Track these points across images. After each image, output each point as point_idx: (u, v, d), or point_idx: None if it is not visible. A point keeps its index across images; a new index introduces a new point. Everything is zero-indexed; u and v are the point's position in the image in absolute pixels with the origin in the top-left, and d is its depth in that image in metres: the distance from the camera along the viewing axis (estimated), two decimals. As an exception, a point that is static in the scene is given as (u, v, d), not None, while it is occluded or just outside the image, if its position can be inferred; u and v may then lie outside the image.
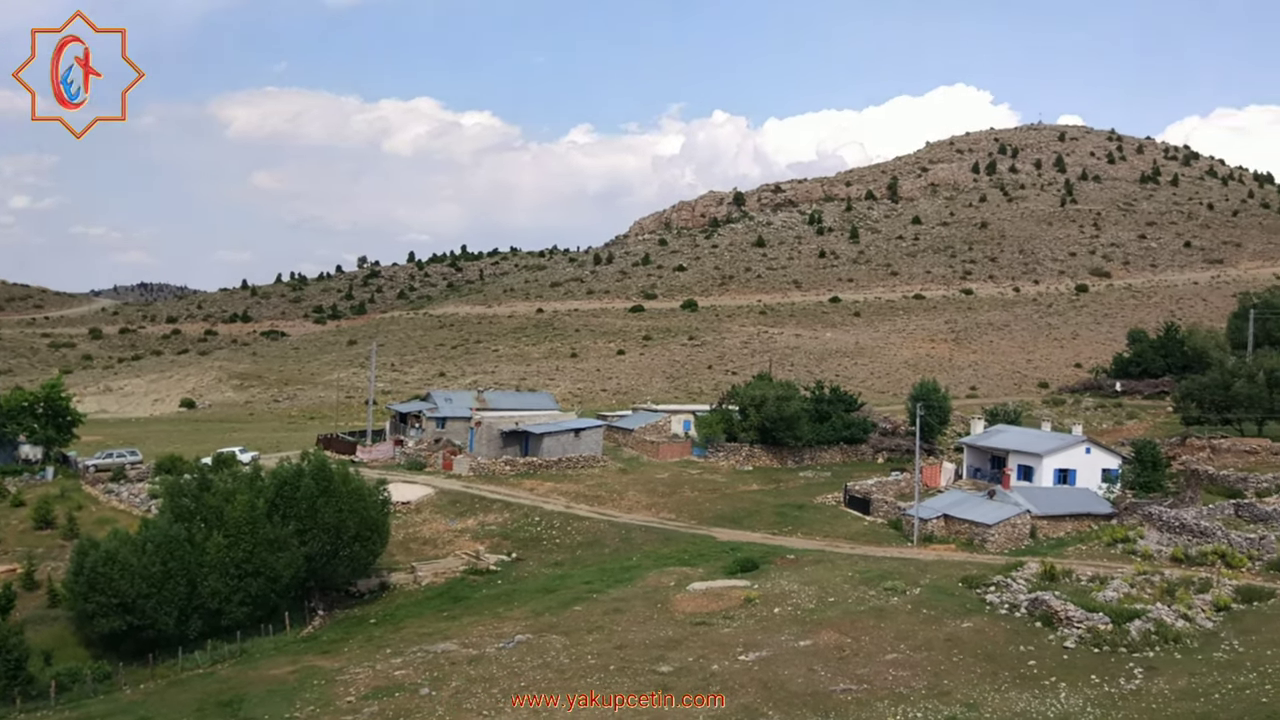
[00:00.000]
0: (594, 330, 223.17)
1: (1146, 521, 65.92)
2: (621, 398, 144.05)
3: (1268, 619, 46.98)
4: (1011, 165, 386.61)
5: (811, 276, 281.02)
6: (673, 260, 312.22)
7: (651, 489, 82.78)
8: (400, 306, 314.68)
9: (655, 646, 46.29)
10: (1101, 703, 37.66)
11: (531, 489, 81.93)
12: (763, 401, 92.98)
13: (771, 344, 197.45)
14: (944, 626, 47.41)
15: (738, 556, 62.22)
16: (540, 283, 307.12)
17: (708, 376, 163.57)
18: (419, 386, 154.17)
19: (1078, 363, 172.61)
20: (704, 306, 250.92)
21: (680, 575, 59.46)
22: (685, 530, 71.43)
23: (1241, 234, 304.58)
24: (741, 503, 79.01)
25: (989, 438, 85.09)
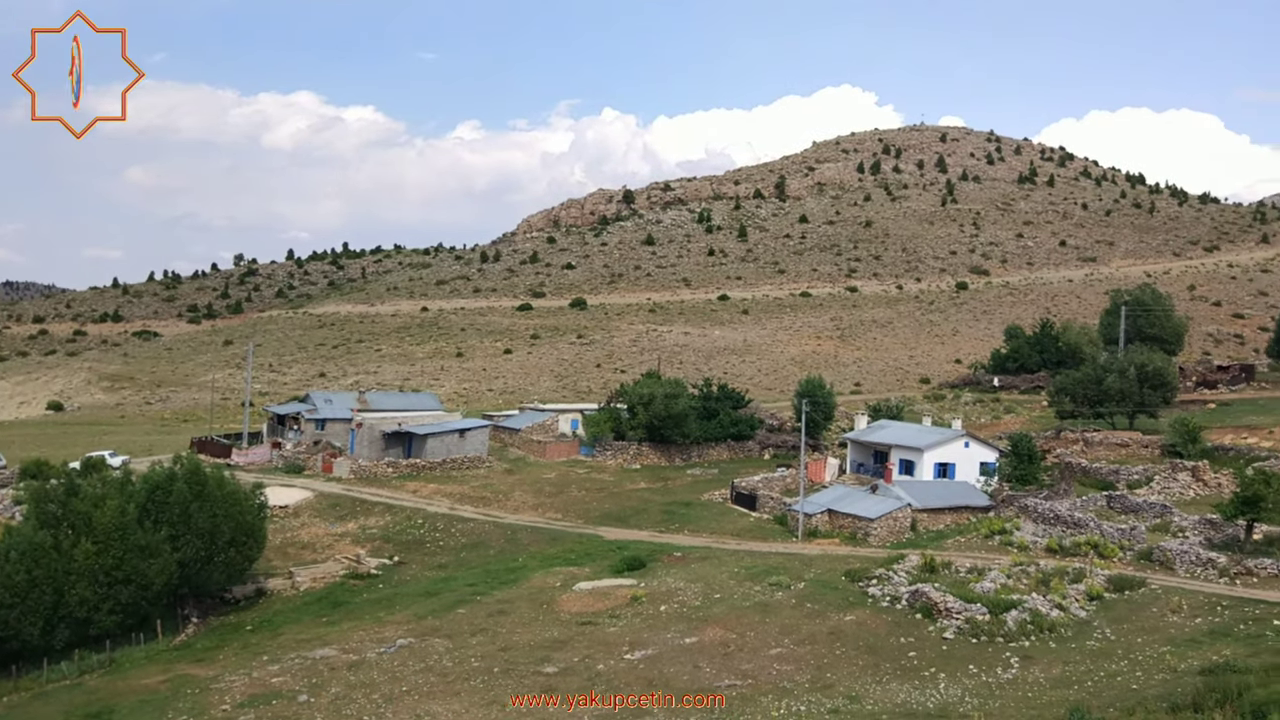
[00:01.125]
0: (480, 329, 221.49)
1: (1023, 513, 68.09)
2: (508, 397, 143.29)
3: (1138, 607, 48.91)
4: (895, 165, 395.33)
5: (701, 274, 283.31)
6: (562, 258, 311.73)
7: (538, 489, 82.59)
8: (279, 305, 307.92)
9: (540, 647, 46.28)
10: (979, 692, 38.77)
11: (415, 491, 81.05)
12: (651, 400, 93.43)
13: (660, 342, 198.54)
14: (827, 620, 48.33)
15: (625, 555, 62.49)
16: (425, 281, 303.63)
17: (596, 375, 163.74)
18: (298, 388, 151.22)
19: (958, 359, 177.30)
20: (593, 305, 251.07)
21: (567, 575, 59.51)
22: (572, 530, 71.44)
23: (1114, 233, 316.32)
24: (629, 501, 79.32)
25: (872, 433, 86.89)
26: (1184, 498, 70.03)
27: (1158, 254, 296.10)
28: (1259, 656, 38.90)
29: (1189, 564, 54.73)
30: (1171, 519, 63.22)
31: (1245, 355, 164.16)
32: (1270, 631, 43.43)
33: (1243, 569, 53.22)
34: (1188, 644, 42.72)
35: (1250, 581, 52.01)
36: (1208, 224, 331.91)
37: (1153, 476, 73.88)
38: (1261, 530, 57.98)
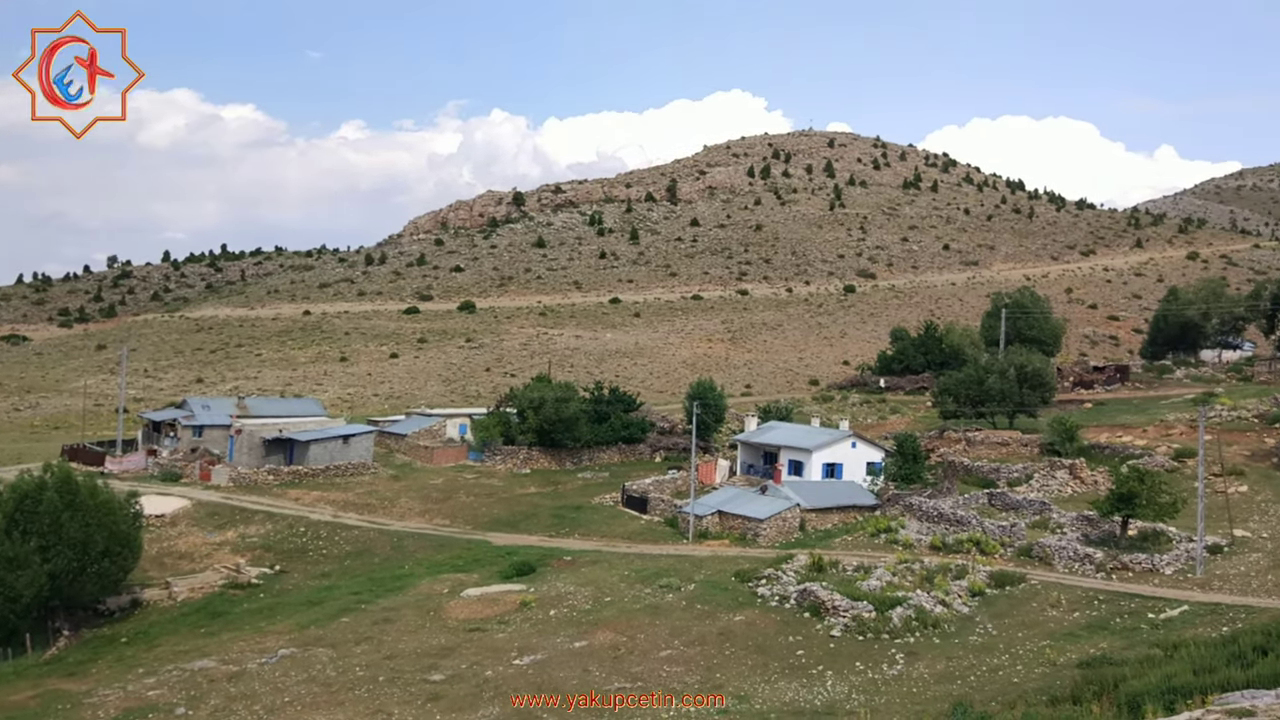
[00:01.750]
0: (365, 333, 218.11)
1: (908, 512, 69.54)
2: (394, 402, 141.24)
3: (1018, 602, 50.36)
4: (785, 170, 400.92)
5: (592, 277, 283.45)
6: (450, 261, 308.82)
7: (425, 495, 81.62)
8: (154, 309, 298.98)
9: (427, 655, 45.77)
10: (866, 689, 39.46)
11: (297, 499, 79.38)
12: (541, 403, 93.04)
13: (551, 345, 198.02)
14: (717, 621, 48.70)
15: (514, 560, 62.14)
16: (308, 284, 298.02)
17: (485, 379, 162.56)
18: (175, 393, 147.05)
19: (846, 360, 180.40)
20: (482, 308, 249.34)
21: (454, 582, 58.94)
22: (460, 536, 70.75)
23: (995, 237, 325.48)
24: (519, 506, 78.86)
25: (762, 434, 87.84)
26: (1062, 495, 72.30)
27: (1037, 258, 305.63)
28: (1134, 649, 40.27)
29: (1067, 559, 56.50)
30: (1050, 516, 65.21)
31: (1120, 356, 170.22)
32: (1144, 624, 45.08)
33: (1118, 564, 55.16)
34: (1066, 638, 44.10)
35: (1125, 576, 53.93)
36: (1084, 229, 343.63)
37: (1032, 474, 76.14)
38: (1136, 526, 60.16)
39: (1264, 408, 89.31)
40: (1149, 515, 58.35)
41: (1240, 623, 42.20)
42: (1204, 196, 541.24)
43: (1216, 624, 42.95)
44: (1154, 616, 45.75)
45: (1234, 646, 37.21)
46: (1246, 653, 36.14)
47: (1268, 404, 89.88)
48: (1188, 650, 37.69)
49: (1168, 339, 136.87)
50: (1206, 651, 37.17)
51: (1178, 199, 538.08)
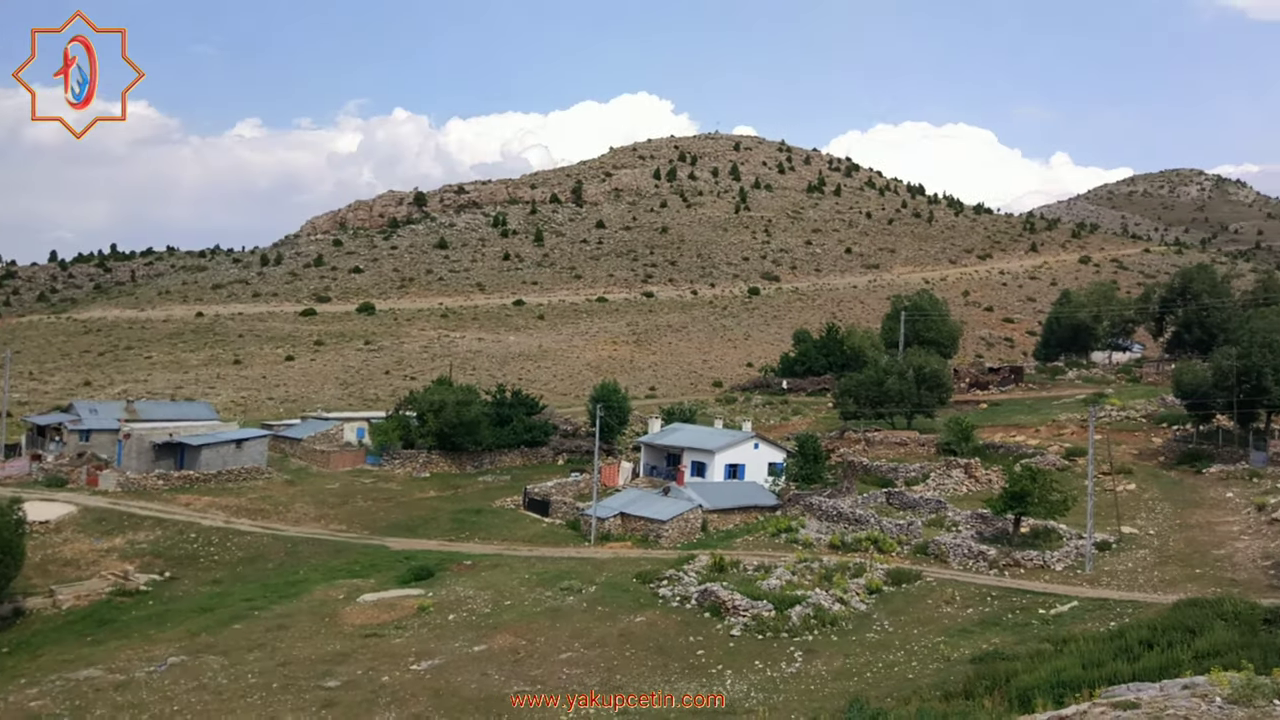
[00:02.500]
0: (260, 335, 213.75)
1: (808, 511, 70.51)
2: (290, 406, 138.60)
3: (914, 599, 51.40)
4: (691, 172, 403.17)
5: (495, 279, 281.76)
6: (349, 262, 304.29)
7: (321, 500, 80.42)
8: (40, 310, 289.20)
9: (322, 661, 45.18)
10: (764, 687, 39.93)
11: (188, 504, 77.59)
12: (442, 406, 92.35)
13: (453, 348, 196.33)
14: (618, 622, 48.86)
15: (412, 565, 61.65)
16: (200, 285, 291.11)
17: (385, 382, 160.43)
18: (61, 396, 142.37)
19: (749, 362, 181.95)
20: (382, 310, 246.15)
21: (351, 587, 58.22)
22: (357, 541, 69.86)
23: (896, 241, 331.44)
24: (418, 510, 78.19)
25: (665, 436, 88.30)
26: (958, 493, 73.96)
27: (936, 261, 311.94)
28: (1025, 644, 41.35)
29: (962, 557, 57.81)
30: (946, 514, 66.64)
31: (1014, 358, 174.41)
32: (1035, 620, 46.31)
33: (1011, 561, 56.62)
34: (960, 634, 45.12)
35: (1018, 573, 55.37)
36: (982, 233, 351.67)
37: (929, 474, 77.76)
38: (1028, 524, 61.79)
39: (1152, 408, 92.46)
40: (1041, 513, 59.97)
41: (1127, 618, 43.54)
42: (1097, 202, 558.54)
43: (1104, 619, 44.26)
44: (1045, 612, 47.03)
45: (1121, 641, 38.43)
46: (1133, 647, 37.34)
47: (1155, 404, 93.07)
48: (1077, 645, 38.80)
49: (1060, 341, 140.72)
50: (1095, 646, 38.33)
51: (1072, 204, 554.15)
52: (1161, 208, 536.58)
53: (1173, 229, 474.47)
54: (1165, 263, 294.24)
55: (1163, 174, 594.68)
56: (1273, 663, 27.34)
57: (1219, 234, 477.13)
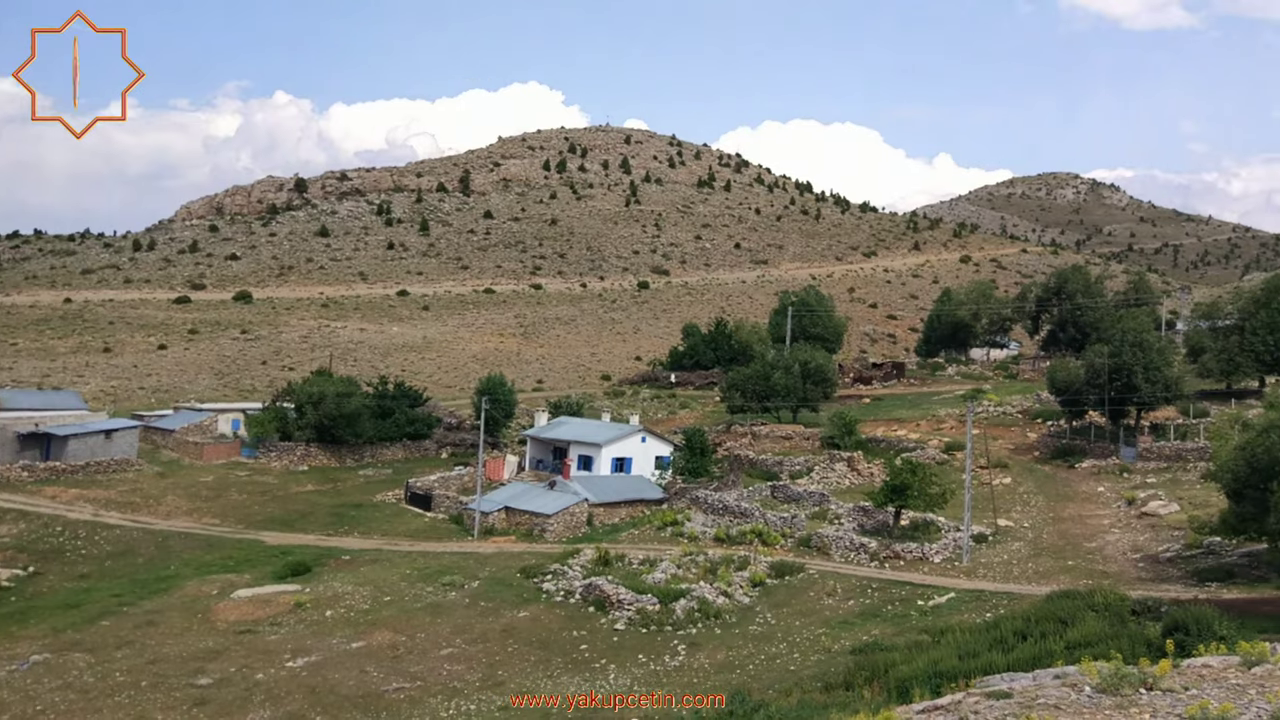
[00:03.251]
0: (132, 323, 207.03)
1: (694, 505, 71.06)
2: (163, 396, 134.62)
3: (797, 592, 52.14)
4: (581, 164, 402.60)
5: (379, 269, 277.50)
6: (225, 248, 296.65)
7: (194, 493, 78.31)
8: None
9: (194, 659, 44.08)
10: (648, 681, 40.09)
11: (54, 496, 74.83)
12: (321, 398, 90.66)
13: (334, 338, 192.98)
14: (501, 618, 48.58)
15: (288, 560, 60.55)
16: (69, 270, 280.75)
17: (262, 373, 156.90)
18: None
19: (638, 356, 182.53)
20: (260, 298, 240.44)
21: (224, 583, 56.92)
22: (231, 535, 68.23)
23: (784, 237, 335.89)
24: (295, 504, 76.71)
25: (552, 430, 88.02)
26: (840, 487, 75.27)
27: (822, 258, 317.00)
28: (904, 635, 42.26)
29: (844, 549, 58.85)
30: (829, 507, 67.76)
31: (897, 354, 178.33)
32: (914, 611, 47.34)
33: (891, 553, 57.83)
34: (841, 625, 45.90)
35: (898, 564, 56.59)
36: (867, 231, 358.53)
37: (813, 467, 78.99)
38: (908, 516, 63.19)
39: (1027, 404, 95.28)
40: (920, 506, 61.35)
41: (1002, 609, 44.79)
42: (977, 203, 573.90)
43: (980, 610, 45.45)
44: (923, 603, 48.08)
45: (996, 632, 39.54)
46: (1007, 637, 38.45)
47: (1031, 401, 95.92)
48: (953, 636, 39.80)
49: (941, 338, 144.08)
50: (971, 637, 39.36)
51: (954, 204, 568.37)
52: (1039, 209, 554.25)
53: (1049, 230, 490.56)
54: (1042, 263, 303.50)
55: (1040, 177, 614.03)
56: (1140, 652, 28.38)
57: (1093, 236, 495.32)
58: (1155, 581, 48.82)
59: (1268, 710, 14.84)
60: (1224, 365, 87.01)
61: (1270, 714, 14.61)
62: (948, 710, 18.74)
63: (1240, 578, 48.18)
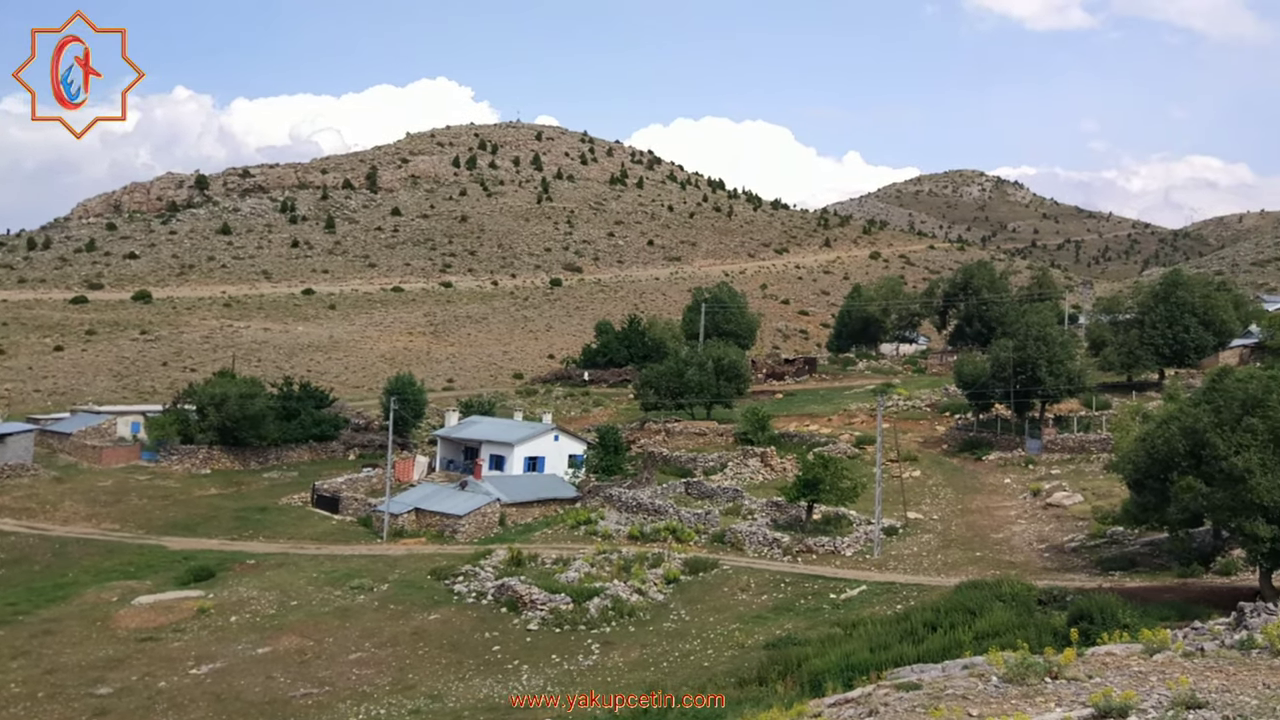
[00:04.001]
0: (26, 324, 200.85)
1: (608, 503, 71.04)
2: (59, 399, 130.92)
3: (710, 588, 52.41)
4: (491, 161, 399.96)
5: (283, 267, 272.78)
6: (124, 247, 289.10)
7: (92, 498, 76.31)
8: None
9: (93, 668, 43.03)
10: (561, 680, 39.99)
11: (-58, 505, 72.42)
12: (224, 400, 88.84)
13: (237, 339, 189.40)
14: (411, 620, 48.10)
15: (191, 565, 59.39)
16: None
17: (163, 374, 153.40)
18: None
19: (551, 354, 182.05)
20: (160, 298, 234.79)
21: (125, 589, 55.66)
22: (132, 541, 66.65)
23: (697, 234, 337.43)
24: (197, 508, 75.17)
25: (463, 429, 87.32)
26: (754, 482, 75.79)
27: (735, 255, 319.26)
28: (816, 629, 42.71)
29: (757, 544, 59.29)
30: (743, 503, 68.22)
31: (809, 349, 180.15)
32: (827, 605, 47.88)
33: (804, 547, 58.38)
34: (755, 620, 46.25)
35: (810, 558, 57.16)
36: (779, 228, 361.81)
37: (727, 463, 79.47)
38: (820, 510, 63.83)
39: (935, 398, 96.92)
40: (832, 500, 62.03)
41: (913, 600, 45.49)
42: (886, 200, 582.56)
43: (891, 602, 46.11)
44: (835, 597, 48.66)
45: (907, 624, 40.18)
46: (918, 629, 39.08)
47: (939, 394, 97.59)
48: (865, 629, 40.34)
49: (852, 333, 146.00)
50: (882, 629, 39.94)
51: (863, 202, 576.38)
52: (946, 206, 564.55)
53: (956, 227, 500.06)
54: (949, 259, 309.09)
55: (947, 174, 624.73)
56: (1046, 642, 29.03)
57: (998, 232, 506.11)
58: (1060, 571, 49.97)
59: (1168, 697, 15.21)
60: (1124, 358, 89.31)
61: (1171, 700, 14.96)
62: (858, 703, 18.95)
63: (1142, 566, 49.54)
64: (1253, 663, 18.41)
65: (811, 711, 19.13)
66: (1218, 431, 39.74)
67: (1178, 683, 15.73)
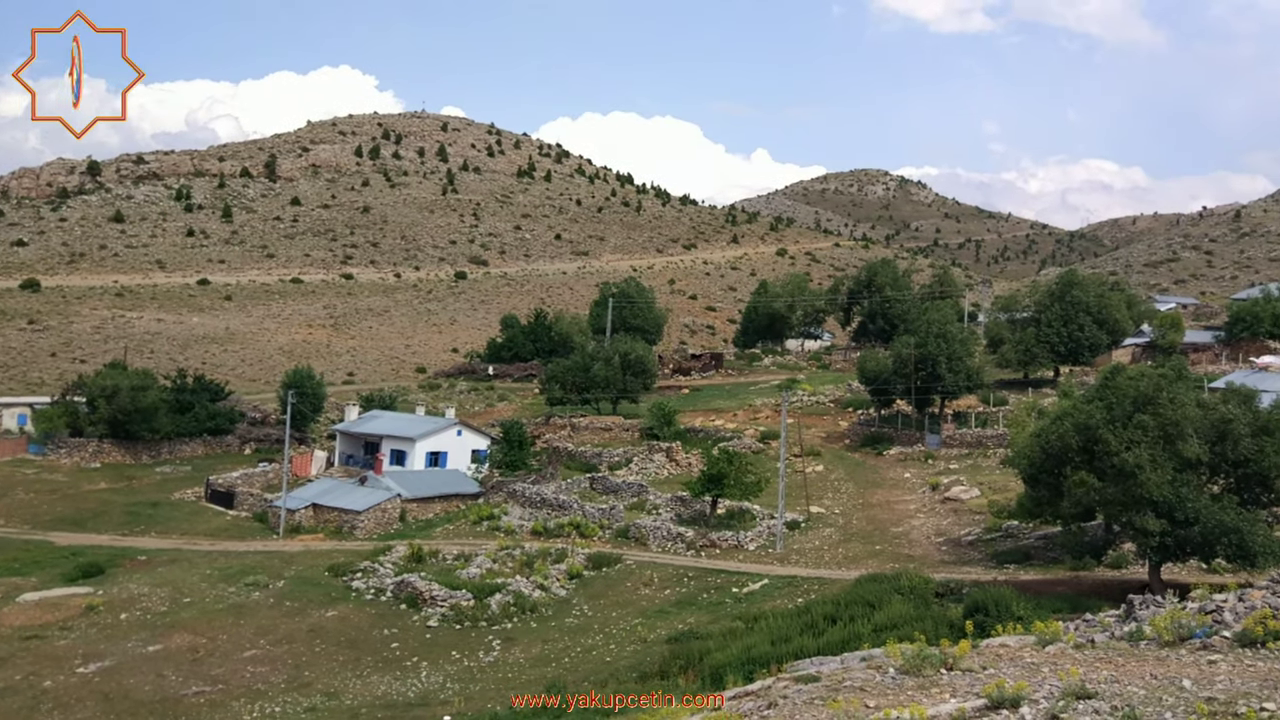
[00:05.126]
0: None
1: (511, 498, 70.78)
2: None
3: (614, 583, 52.54)
4: (395, 151, 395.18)
5: (178, 257, 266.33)
6: (11, 234, 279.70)
7: (-26, 493, 73.84)
8: None
9: (-28, 669, 41.50)
10: (461, 677, 39.76)
11: None
12: (115, 392, 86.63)
13: (129, 329, 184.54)
14: (308, 618, 47.42)
15: (80, 562, 58.06)
16: None
17: (51, 365, 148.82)
18: None
19: (455, 348, 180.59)
20: (49, 287, 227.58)
21: (9, 586, 54.20)
22: (16, 536, 64.80)
23: (605, 229, 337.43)
24: (87, 503, 73.32)
25: (363, 424, 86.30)
26: (659, 477, 76.09)
27: (643, 250, 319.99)
28: (719, 622, 43.05)
29: (661, 539, 59.57)
30: (647, 498, 68.45)
31: (716, 345, 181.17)
32: (729, 599, 48.27)
33: (707, 541, 58.81)
34: (657, 615, 46.46)
35: (714, 553, 57.59)
36: (687, 224, 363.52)
37: (632, 458, 79.65)
38: (724, 505, 64.33)
39: (839, 393, 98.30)
40: (736, 494, 62.58)
41: (814, 594, 46.09)
42: (793, 198, 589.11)
43: (793, 596, 46.67)
44: (738, 591, 49.09)
45: (807, 617, 40.69)
46: (818, 622, 39.60)
47: (842, 390, 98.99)
48: (767, 622, 40.75)
49: (758, 329, 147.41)
50: (783, 622, 40.38)
51: (770, 199, 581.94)
52: (851, 205, 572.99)
53: (861, 225, 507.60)
54: (853, 257, 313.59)
55: (852, 173, 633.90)
56: (943, 634, 29.60)
57: (902, 231, 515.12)
58: (957, 564, 51.03)
59: (1059, 687, 15.59)
60: (1022, 356, 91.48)
61: (1061, 691, 15.33)
62: (758, 696, 19.13)
63: (1036, 559, 50.81)
64: (1141, 654, 18.96)
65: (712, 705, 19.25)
66: (1110, 428, 40.89)
67: (1068, 674, 16.12)
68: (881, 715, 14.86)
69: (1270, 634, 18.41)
